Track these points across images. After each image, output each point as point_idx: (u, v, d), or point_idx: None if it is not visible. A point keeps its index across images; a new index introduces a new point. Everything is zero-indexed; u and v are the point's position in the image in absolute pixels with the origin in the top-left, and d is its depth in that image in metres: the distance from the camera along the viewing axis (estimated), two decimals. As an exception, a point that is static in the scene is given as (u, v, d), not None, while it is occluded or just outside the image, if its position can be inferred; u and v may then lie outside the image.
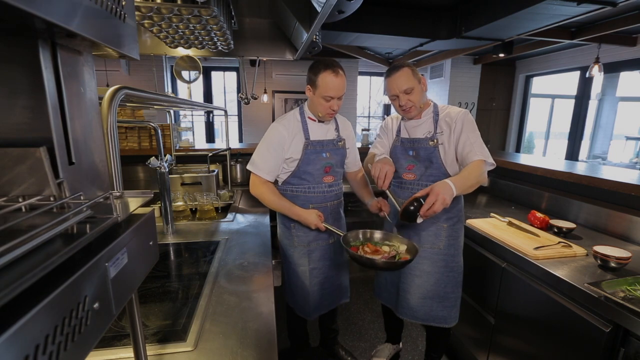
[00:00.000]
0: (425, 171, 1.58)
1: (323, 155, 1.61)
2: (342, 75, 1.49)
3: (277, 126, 1.57)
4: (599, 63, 4.19)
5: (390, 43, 3.83)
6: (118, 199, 0.61)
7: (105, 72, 4.70)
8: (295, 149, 1.57)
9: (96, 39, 0.45)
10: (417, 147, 1.59)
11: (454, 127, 1.50)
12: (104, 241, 0.46)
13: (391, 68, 1.53)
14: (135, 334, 0.71)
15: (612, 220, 1.77)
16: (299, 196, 1.62)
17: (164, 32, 1.83)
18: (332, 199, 1.68)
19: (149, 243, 0.61)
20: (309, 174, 1.59)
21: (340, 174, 1.72)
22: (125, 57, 0.55)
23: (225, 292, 1.14)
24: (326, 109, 1.52)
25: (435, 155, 1.54)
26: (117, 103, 0.66)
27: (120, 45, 0.52)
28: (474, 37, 3.36)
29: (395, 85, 1.49)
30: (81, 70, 0.52)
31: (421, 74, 1.53)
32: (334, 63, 1.47)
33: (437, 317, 1.64)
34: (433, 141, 1.54)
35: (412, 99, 1.50)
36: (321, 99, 1.49)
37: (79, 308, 0.38)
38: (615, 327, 1.14)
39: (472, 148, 1.45)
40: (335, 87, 1.47)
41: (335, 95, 1.48)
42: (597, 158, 6.28)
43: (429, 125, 1.57)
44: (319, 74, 1.46)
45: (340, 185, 1.72)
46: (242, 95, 2.93)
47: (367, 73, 7.09)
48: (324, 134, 1.64)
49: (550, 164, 2.24)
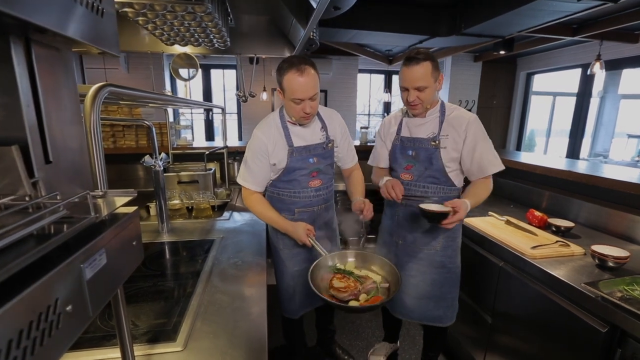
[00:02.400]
0: (424, 172, 1.52)
1: (310, 161, 1.48)
2: (311, 72, 1.31)
3: (257, 133, 1.46)
4: (600, 60, 4.15)
5: (389, 40, 3.80)
6: (101, 198, 0.60)
7: (104, 70, 4.70)
8: (279, 156, 1.45)
9: (70, 34, 0.44)
10: (418, 147, 1.53)
11: (463, 135, 1.44)
12: (80, 242, 0.45)
13: (412, 57, 1.37)
14: (122, 334, 0.70)
15: (611, 219, 1.75)
16: (284, 200, 1.53)
17: (159, 29, 1.82)
18: (319, 203, 1.57)
19: (132, 243, 0.60)
20: (294, 180, 1.49)
21: (330, 176, 1.59)
22: (106, 54, 0.54)
23: (217, 292, 1.13)
24: (299, 112, 1.36)
25: (436, 156, 1.48)
26: (101, 101, 0.65)
27: (98, 42, 0.51)
28: (474, 34, 3.33)
29: (410, 79, 1.38)
30: (59, 67, 0.51)
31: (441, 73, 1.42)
32: (300, 60, 1.30)
33: (433, 316, 1.63)
34: (435, 142, 1.48)
35: (422, 97, 1.41)
36: (291, 102, 1.35)
37: (49, 311, 0.37)
38: (612, 328, 1.13)
39: (489, 159, 1.44)
40: (302, 88, 1.30)
41: (304, 96, 1.32)
42: (598, 156, 6.25)
43: (433, 126, 1.50)
44: (284, 74, 1.31)
45: (329, 188, 1.60)
46: (240, 93, 2.92)
47: (367, 71, 7.05)
48: (309, 138, 1.49)
49: (549, 163, 2.21)
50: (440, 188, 1.51)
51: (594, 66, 4.19)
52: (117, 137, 2.76)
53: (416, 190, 1.54)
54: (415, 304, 1.63)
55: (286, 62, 1.31)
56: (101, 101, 0.64)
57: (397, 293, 1.62)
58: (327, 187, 1.59)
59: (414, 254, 1.60)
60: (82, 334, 0.91)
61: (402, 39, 3.72)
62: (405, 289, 1.63)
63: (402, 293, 1.64)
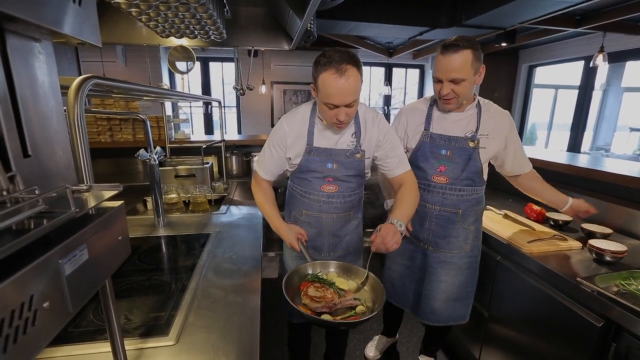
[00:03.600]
0: (461, 174, 1.40)
1: (328, 166, 1.30)
2: (353, 75, 1.09)
3: (282, 121, 1.32)
4: (603, 52, 4.09)
5: (389, 32, 3.75)
6: (86, 193, 0.59)
7: (102, 63, 4.66)
8: (296, 151, 1.30)
9: (44, 24, 0.42)
10: (454, 147, 1.38)
11: (504, 133, 1.37)
12: (60, 237, 0.44)
13: (451, 44, 1.20)
14: (112, 328, 0.70)
15: (610, 213, 1.74)
16: (296, 197, 1.41)
17: (153, 20, 1.79)
18: (331, 211, 1.36)
19: (117, 238, 0.59)
20: (306, 180, 1.35)
21: (353, 187, 1.36)
22: (85, 44, 0.53)
23: (211, 286, 1.13)
24: (331, 117, 1.17)
25: (474, 157, 1.37)
26: (85, 93, 0.63)
27: (76, 31, 0.49)
28: (475, 26, 3.29)
29: (445, 69, 1.22)
30: (38, 58, 0.50)
31: (482, 64, 1.24)
32: (342, 57, 1.08)
33: (458, 316, 1.60)
34: (474, 142, 1.36)
35: (458, 91, 1.25)
36: (323, 105, 1.16)
37: (23, 308, 0.36)
38: (608, 322, 1.13)
39: (523, 157, 1.43)
40: (339, 94, 1.09)
41: (340, 103, 1.11)
42: (600, 150, 6.20)
43: (471, 123, 1.36)
44: (320, 72, 1.11)
45: (348, 199, 1.36)
46: (237, 86, 2.89)
47: (367, 63, 6.97)
48: (334, 142, 1.29)
49: (547, 156, 2.19)
50: (475, 190, 1.45)
51: (597, 58, 4.13)
52: (114, 130, 2.75)
53: (451, 195, 1.44)
54: (443, 307, 1.57)
55: (325, 57, 1.10)
56: (85, 93, 0.63)
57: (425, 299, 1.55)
58: (345, 197, 1.36)
59: (446, 259, 1.52)
60: (74, 328, 0.92)
61: (402, 31, 3.67)
62: (435, 295, 1.56)
63: (430, 299, 1.57)
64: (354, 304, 1.10)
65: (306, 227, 1.38)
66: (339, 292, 1.14)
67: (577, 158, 2.20)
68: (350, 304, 1.09)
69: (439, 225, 1.49)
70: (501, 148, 1.41)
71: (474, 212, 1.49)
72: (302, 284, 1.17)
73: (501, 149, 1.42)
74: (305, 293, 1.11)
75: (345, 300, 1.09)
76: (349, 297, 1.11)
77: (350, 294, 1.13)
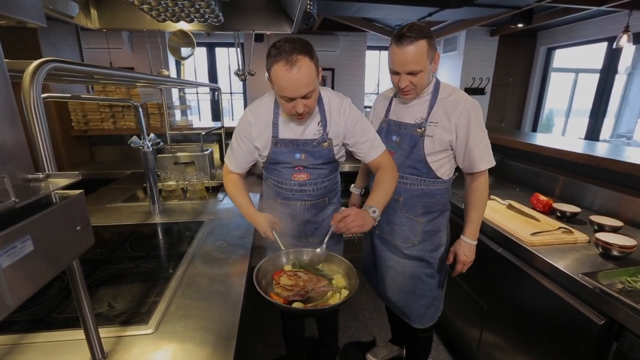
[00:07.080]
0: (404, 161, 1.39)
1: (296, 156, 1.29)
2: (304, 65, 1.04)
3: (247, 112, 1.30)
4: (628, 32, 3.82)
5: (395, 13, 3.59)
6: (43, 181, 0.57)
7: (108, 50, 4.66)
8: (262, 142, 1.29)
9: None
10: (403, 133, 1.38)
11: (455, 122, 1.27)
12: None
13: (403, 34, 1.17)
14: (84, 316, 0.70)
15: (623, 205, 1.64)
16: (270, 187, 1.42)
17: (147, 4, 1.75)
18: (304, 198, 1.37)
19: (75, 228, 0.57)
20: (277, 171, 1.35)
21: (324, 174, 1.35)
22: (27, 24, 0.49)
23: (198, 274, 1.12)
24: (290, 110, 1.14)
25: (419, 145, 1.34)
26: (42, 77, 0.60)
27: (13, 10, 0.46)
28: (488, 5, 3.11)
29: (401, 62, 1.20)
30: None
31: (437, 50, 1.25)
32: (292, 48, 1.04)
33: (414, 316, 1.54)
34: (421, 129, 1.33)
35: (416, 82, 1.24)
36: (280, 97, 1.14)
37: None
38: (610, 321, 1.07)
39: (481, 154, 1.29)
40: (291, 86, 1.06)
41: (295, 95, 1.08)
42: (621, 137, 5.91)
43: (421, 110, 1.34)
44: (272, 64, 1.07)
45: (319, 186, 1.36)
46: (239, 72, 2.84)
47: (376, 47, 6.77)
48: (300, 132, 1.27)
49: (560, 144, 2.08)
50: (421, 180, 1.39)
51: (621, 39, 3.87)
52: (116, 117, 2.76)
53: None
54: (395, 296, 1.57)
55: (275, 48, 1.06)
56: (42, 77, 0.60)
57: (380, 278, 1.58)
58: (317, 184, 1.36)
59: (391, 244, 1.51)
60: (57, 315, 0.92)
61: (410, 12, 3.51)
62: (385, 279, 1.58)
63: (383, 283, 1.60)
64: (327, 290, 1.09)
65: (282, 215, 1.37)
66: (315, 272, 1.17)
67: (591, 146, 2.08)
68: (324, 291, 1.08)
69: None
70: (452, 139, 1.31)
71: (421, 204, 1.41)
72: (274, 273, 1.16)
73: (452, 140, 1.31)
74: (277, 282, 1.10)
75: (319, 288, 1.08)
76: (321, 284, 1.10)
77: (322, 282, 1.12)
